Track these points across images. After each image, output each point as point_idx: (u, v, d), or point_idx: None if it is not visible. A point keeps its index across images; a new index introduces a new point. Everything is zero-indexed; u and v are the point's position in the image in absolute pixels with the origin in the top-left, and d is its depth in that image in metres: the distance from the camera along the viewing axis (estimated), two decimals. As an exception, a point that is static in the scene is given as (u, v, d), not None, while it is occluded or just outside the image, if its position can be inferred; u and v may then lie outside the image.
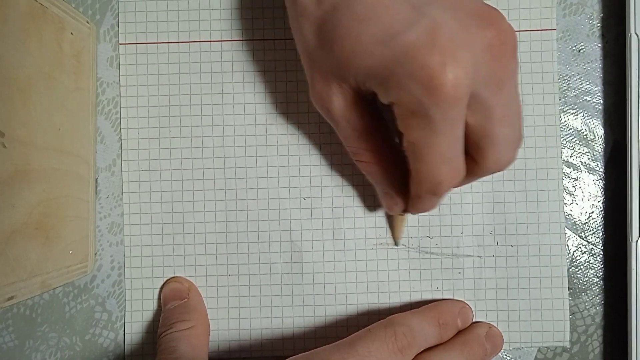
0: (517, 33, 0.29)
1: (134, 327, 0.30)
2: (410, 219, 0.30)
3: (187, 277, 0.30)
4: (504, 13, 0.29)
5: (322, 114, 0.25)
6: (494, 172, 0.24)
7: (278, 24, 0.30)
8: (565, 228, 0.30)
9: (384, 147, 0.25)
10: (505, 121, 0.22)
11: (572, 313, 0.30)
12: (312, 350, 0.24)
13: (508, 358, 0.30)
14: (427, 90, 0.19)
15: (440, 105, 0.20)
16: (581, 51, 0.30)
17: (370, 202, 0.30)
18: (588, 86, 0.30)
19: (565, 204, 0.30)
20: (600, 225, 0.30)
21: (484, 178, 0.29)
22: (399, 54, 0.20)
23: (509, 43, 0.21)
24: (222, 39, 0.30)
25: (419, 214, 0.29)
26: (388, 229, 0.30)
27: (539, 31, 0.29)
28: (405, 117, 0.21)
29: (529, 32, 0.29)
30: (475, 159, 0.23)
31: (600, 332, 0.30)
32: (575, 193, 0.30)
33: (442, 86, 0.19)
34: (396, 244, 0.29)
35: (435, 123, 0.20)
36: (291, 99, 0.30)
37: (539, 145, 0.29)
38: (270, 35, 0.30)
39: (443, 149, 0.21)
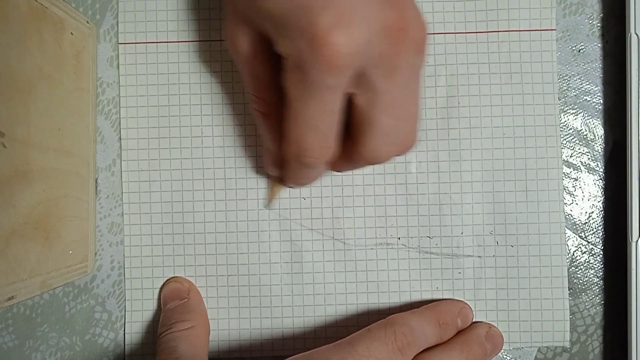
0: (517, 33, 0.29)
1: (134, 327, 0.30)
2: (411, 219, 0.30)
3: (187, 277, 0.30)
4: (504, 13, 0.29)
5: (231, 55, 0.25)
6: (371, 164, 0.24)
7: (278, 24, 0.30)
8: (565, 228, 0.30)
9: (278, 102, 0.24)
10: (391, 112, 0.22)
11: (572, 313, 0.30)
12: (311, 350, 0.24)
13: (508, 358, 0.30)
14: (310, 47, 0.19)
15: (318, 67, 0.19)
16: (581, 51, 0.30)
17: (370, 202, 0.30)
18: (588, 86, 0.30)
19: (565, 204, 0.30)
20: (600, 225, 0.30)
21: (484, 178, 0.29)
22: (298, 6, 0.19)
23: (411, 32, 0.20)
24: (222, 39, 0.30)
25: (421, 215, 0.29)
26: (388, 229, 0.30)
27: (539, 31, 0.29)
28: (288, 70, 0.21)
29: (529, 32, 0.29)
30: (354, 143, 0.23)
31: (600, 332, 0.30)
32: (575, 193, 0.30)
33: (325, 47, 0.19)
34: (267, 206, 0.29)
35: (310, 84, 0.20)
36: (291, 99, 0.30)
37: (539, 145, 0.29)
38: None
39: (312, 115, 0.21)
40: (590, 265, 0.30)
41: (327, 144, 0.23)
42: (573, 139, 0.30)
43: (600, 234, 0.30)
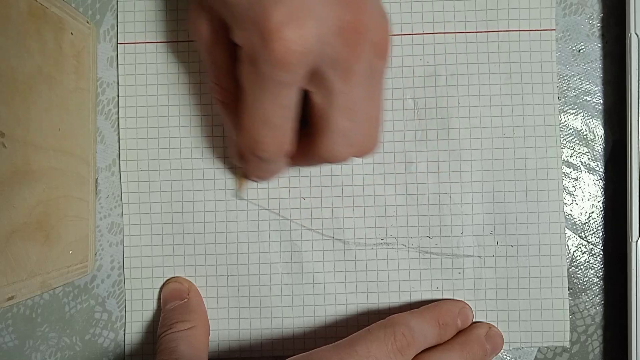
0: (517, 33, 0.29)
1: (134, 327, 0.30)
2: (411, 219, 0.30)
3: (187, 277, 0.30)
4: (504, 13, 0.29)
5: (194, 44, 0.25)
6: (328, 162, 0.24)
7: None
8: (565, 228, 0.30)
9: (238, 92, 0.24)
10: (347, 114, 0.22)
11: (572, 313, 0.30)
12: (311, 351, 0.24)
13: (508, 358, 0.30)
14: (262, 40, 0.19)
15: (269, 61, 0.19)
16: (581, 51, 0.30)
17: (370, 202, 0.30)
18: (588, 86, 0.30)
19: (565, 204, 0.30)
20: (600, 225, 0.30)
21: (484, 178, 0.29)
22: None
23: (368, 35, 0.20)
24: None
25: (421, 215, 0.29)
26: (388, 229, 0.30)
27: (539, 31, 0.29)
28: (243, 62, 0.21)
29: (528, 32, 0.29)
30: (312, 141, 0.23)
31: (600, 332, 0.30)
32: (575, 193, 0.30)
33: (275, 42, 0.19)
34: (236, 196, 0.29)
35: (263, 78, 0.20)
36: (291, 99, 0.30)
37: (539, 145, 0.29)
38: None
39: (266, 109, 0.21)
40: (590, 265, 0.30)
41: (281, 140, 0.22)
42: (573, 139, 0.30)
43: (600, 234, 0.30)
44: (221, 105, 0.25)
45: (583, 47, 0.30)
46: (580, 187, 0.30)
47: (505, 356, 0.30)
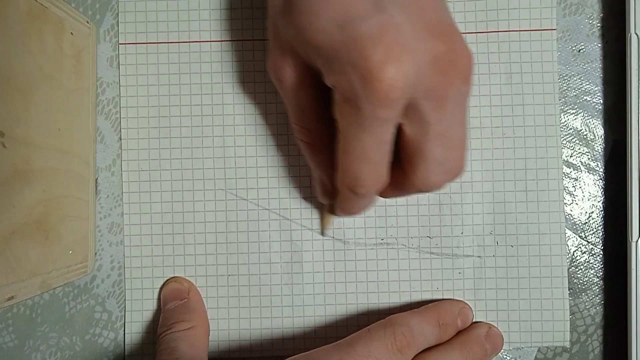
0: (517, 33, 0.29)
1: (134, 327, 0.30)
2: (411, 219, 0.29)
3: (187, 277, 0.30)
4: (504, 13, 0.29)
5: (275, 85, 0.25)
6: (423, 192, 0.24)
7: (278, 24, 0.30)
8: (565, 228, 0.29)
9: (325, 132, 0.24)
10: (442, 142, 0.22)
11: (572, 313, 0.30)
12: (311, 350, 0.24)
13: (508, 358, 0.30)
14: (363, 82, 0.19)
15: (372, 100, 0.20)
16: (581, 51, 0.30)
17: (370, 202, 0.30)
18: (588, 86, 0.30)
19: (565, 204, 0.30)
20: (600, 225, 0.30)
21: (484, 178, 0.29)
22: (348, 40, 0.20)
23: (459, 64, 0.21)
24: (222, 39, 0.30)
25: (421, 215, 0.29)
26: (388, 229, 0.30)
27: (539, 31, 0.29)
28: (340, 103, 0.21)
29: (529, 32, 0.29)
30: (405, 172, 0.23)
31: (600, 332, 0.30)
32: (575, 193, 0.30)
33: (378, 81, 0.19)
34: (322, 234, 0.29)
35: (364, 117, 0.20)
36: (291, 99, 0.30)
37: (539, 145, 0.29)
38: (270, 35, 0.30)
39: (366, 147, 0.21)
40: (590, 265, 0.30)
41: (380, 175, 0.23)
42: (573, 139, 0.30)
43: (600, 234, 0.30)
44: (307, 147, 0.25)
45: (583, 47, 0.30)
46: (580, 187, 0.30)
47: (505, 356, 0.30)
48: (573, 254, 0.30)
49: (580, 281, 0.30)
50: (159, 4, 0.30)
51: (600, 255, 0.30)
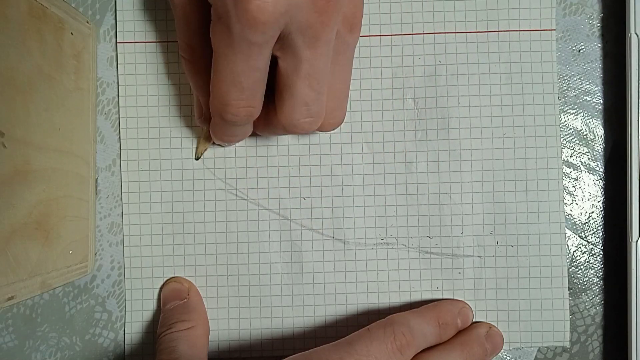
0: (517, 33, 0.29)
1: (134, 327, 0.30)
2: (411, 219, 0.29)
3: (187, 277, 0.30)
4: (504, 13, 0.29)
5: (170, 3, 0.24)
6: (290, 132, 0.24)
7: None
8: (565, 228, 0.29)
9: (208, 54, 0.24)
10: (311, 82, 0.22)
11: (572, 313, 0.30)
12: (311, 350, 0.24)
13: (508, 358, 0.30)
14: (235, 1, 0.19)
15: (242, 22, 0.19)
16: (581, 51, 0.30)
17: (370, 202, 0.30)
18: (588, 86, 0.30)
19: (565, 204, 0.30)
20: (600, 225, 0.30)
21: (484, 178, 0.29)
22: None
23: (342, 7, 0.21)
24: None
25: (421, 215, 0.29)
26: (388, 229, 0.30)
27: (539, 31, 0.29)
28: (214, 22, 0.21)
29: (529, 32, 0.29)
30: (275, 108, 0.23)
31: (600, 332, 0.30)
32: (575, 193, 0.30)
33: (247, 2, 0.19)
34: (196, 158, 0.29)
35: (234, 39, 0.20)
36: (291, 99, 0.30)
37: (539, 145, 0.29)
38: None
39: (235, 69, 0.21)
40: (590, 265, 0.30)
41: (250, 103, 0.23)
42: (573, 139, 0.30)
43: (600, 234, 0.30)
44: (187, 63, 0.25)
45: (583, 47, 0.30)
46: (580, 187, 0.30)
47: (505, 356, 0.30)
48: (573, 254, 0.30)
49: (580, 281, 0.30)
50: (159, 4, 0.30)
51: (600, 255, 0.30)
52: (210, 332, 0.29)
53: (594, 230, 0.30)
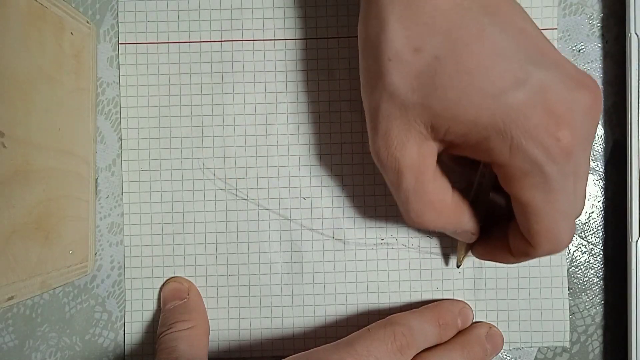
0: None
1: (134, 327, 0.30)
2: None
3: (187, 277, 0.30)
4: (504, 13, 0.29)
5: (380, 162, 0.23)
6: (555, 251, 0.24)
7: (278, 24, 0.30)
8: (565, 228, 0.29)
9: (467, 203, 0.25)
10: (583, 179, 0.23)
11: (572, 313, 0.30)
12: (311, 350, 0.24)
13: (508, 358, 0.30)
14: (544, 148, 0.20)
15: (558, 162, 0.20)
16: (581, 51, 0.30)
17: (370, 203, 0.30)
18: (588, 86, 0.30)
19: (565, 204, 0.30)
20: (600, 225, 0.30)
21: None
22: (510, 111, 0.20)
23: (601, 106, 0.22)
24: (222, 39, 0.30)
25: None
26: (388, 229, 0.30)
27: (540, 30, 0.29)
28: (517, 178, 0.21)
29: (529, 32, 0.29)
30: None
31: (600, 332, 0.30)
32: (575, 193, 0.30)
33: (559, 143, 0.20)
34: (458, 265, 0.29)
35: (552, 180, 0.21)
36: (291, 99, 0.30)
37: (539, 145, 0.29)
38: (270, 35, 0.30)
39: (562, 206, 0.21)
40: (590, 265, 0.30)
41: (574, 230, 0.23)
42: (573, 139, 0.30)
43: (600, 234, 0.30)
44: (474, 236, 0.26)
45: (583, 47, 0.30)
46: (580, 187, 0.30)
47: (505, 356, 0.30)
48: (573, 254, 0.30)
49: (580, 281, 0.30)
50: (159, 4, 0.30)
51: (600, 255, 0.30)
52: (210, 332, 0.29)
53: (594, 230, 0.30)
